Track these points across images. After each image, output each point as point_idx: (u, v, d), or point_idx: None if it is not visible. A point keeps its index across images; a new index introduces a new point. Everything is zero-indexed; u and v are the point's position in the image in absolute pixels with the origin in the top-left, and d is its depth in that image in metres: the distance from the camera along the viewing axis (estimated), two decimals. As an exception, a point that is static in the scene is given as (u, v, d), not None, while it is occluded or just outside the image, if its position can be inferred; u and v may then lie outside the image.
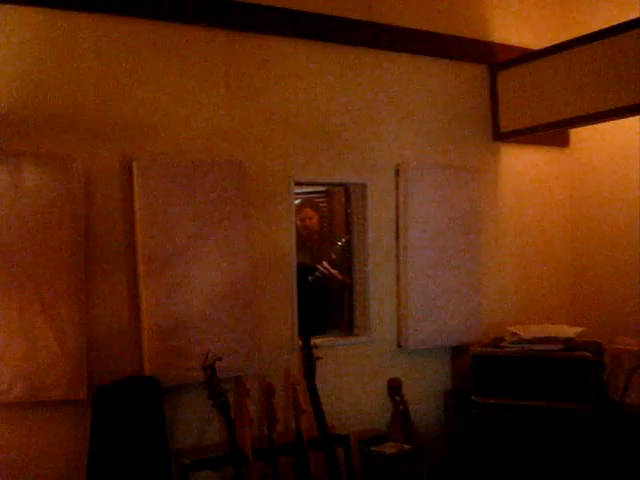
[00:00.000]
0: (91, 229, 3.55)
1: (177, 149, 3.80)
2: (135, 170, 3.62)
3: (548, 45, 4.63)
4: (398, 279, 4.53)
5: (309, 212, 5.21)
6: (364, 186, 4.43)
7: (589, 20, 4.86)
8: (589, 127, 4.89)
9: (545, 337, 4.26)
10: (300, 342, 4.08)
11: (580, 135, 5.22)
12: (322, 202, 5.69)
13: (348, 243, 4.65)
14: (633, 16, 4.08)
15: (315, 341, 4.09)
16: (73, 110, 3.54)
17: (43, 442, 3.46)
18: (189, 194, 3.76)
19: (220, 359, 3.60)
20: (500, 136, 4.92)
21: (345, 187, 4.63)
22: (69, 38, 3.53)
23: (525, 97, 4.75)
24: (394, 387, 4.44)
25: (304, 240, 5.11)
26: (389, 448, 4.11)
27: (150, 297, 3.65)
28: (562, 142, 5.28)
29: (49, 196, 3.42)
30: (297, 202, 5.07)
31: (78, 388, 3.45)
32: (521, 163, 5.11)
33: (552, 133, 4.96)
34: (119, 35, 3.65)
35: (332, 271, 4.88)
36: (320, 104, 4.25)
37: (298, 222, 4.98)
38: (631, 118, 4.40)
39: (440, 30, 4.63)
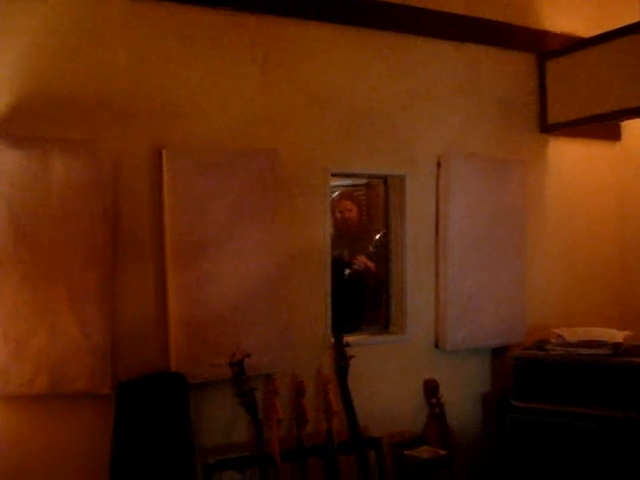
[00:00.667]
0: (119, 218, 3.46)
1: (208, 136, 3.68)
2: (165, 157, 3.52)
3: (599, 33, 4.42)
4: (437, 276, 4.38)
5: (348, 204, 5.01)
6: (403, 178, 4.28)
7: (644, 7, 4.63)
8: (641, 120, 4.66)
9: (592, 341, 4.09)
10: (333, 340, 3.93)
11: (632, 129, 5.03)
12: (361, 195, 5.52)
13: (385, 237, 4.48)
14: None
15: (348, 339, 3.95)
16: (102, 95, 3.44)
17: (66, 436, 3.39)
18: (221, 183, 3.65)
19: (249, 356, 3.48)
20: (548, 128, 4.74)
21: (384, 179, 4.47)
22: (98, 21, 3.43)
23: (574, 87, 4.58)
24: (430, 389, 4.30)
25: (342, 233, 4.95)
26: (424, 452, 3.98)
27: (178, 290, 3.55)
28: (613, 136, 5.09)
29: (77, 184, 3.32)
30: (336, 194, 4.94)
31: (102, 382, 3.37)
32: (569, 157, 4.93)
33: (602, 126, 4.80)
34: (149, 19, 3.55)
35: (369, 264, 4.71)
36: (358, 92, 4.10)
37: (337, 214, 4.85)
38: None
39: (486, 16, 4.46)
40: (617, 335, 4.16)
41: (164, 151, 3.50)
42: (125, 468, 3.32)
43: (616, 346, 4.02)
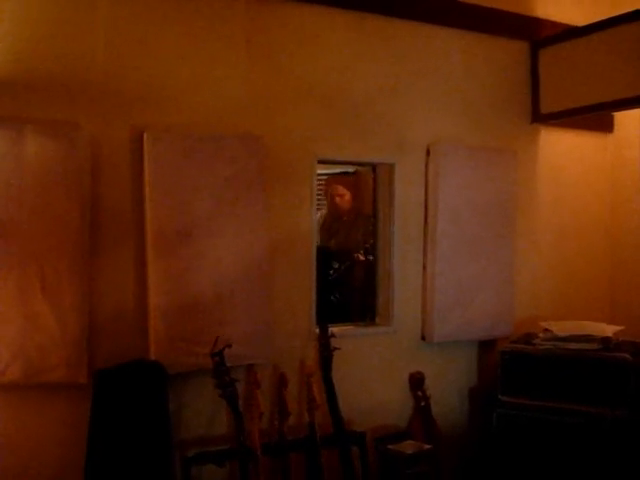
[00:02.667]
0: (97, 203, 3.35)
1: (192, 121, 3.58)
2: (146, 141, 3.42)
3: (594, 21, 4.32)
4: (424, 267, 4.30)
5: (340, 189, 4.87)
6: (392, 166, 4.19)
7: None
8: (636, 111, 4.64)
9: (581, 335, 4.02)
10: (317, 331, 3.85)
11: (625, 120, 4.96)
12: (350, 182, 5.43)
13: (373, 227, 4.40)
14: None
15: (333, 330, 3.86)
16: (81, 76, 3.33)
17: (41, 426, 3.32)
18: (204, 169, 3.56)
19: (230, 346, 3.38)
20: (540, 118, 4.66)
21: (372, 167, 4.38)
22: (78, 1, 3.32)
23: (568, 77, 4.49)
24: (416, 382, 4.23)
25: (332, 220, 4.82)
26: (408, 447, 3.90)
27: (158, 277, 3.46)
28: (606, 127, 5.03)
29: (53, 167, 3.22)
30: (328, 175, 4.83)
31: (78, 371, 3.29)
32: (561, 147, 4.86)
33: (595, 117, 4.75)
34: (132, -1, 3.44)
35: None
36: (347, 77, 4.01)
37: (328, 198, 4.73)
38: (680, 102, 4.12)
39: (479, 2, 4.34)
40: (606, 329, 4.09)
41: (145, 134, 3.40)
42: (101, 459, 3.23)
43: (605, 341, 3.96)
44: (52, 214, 3.21)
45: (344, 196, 4.86)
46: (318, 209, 4.61)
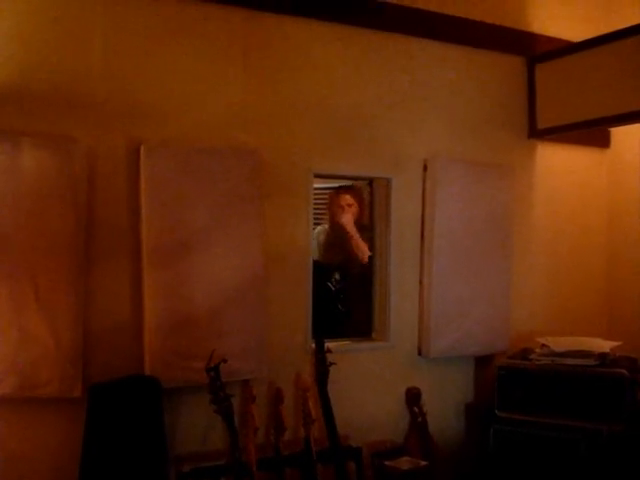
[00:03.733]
0: (93, 216, 3.34)
1: (189, 134, 3.57)
2: (143, 155, 3.40)
3: (590, 37, 4.34)
4: (421, 282, 4.28)
5: (348, 199, 4.59)
6: (389, 181, 4.18)
7: (634, 11, 4.57)
8: (632, 127, 4.62)
9: (578, 351, 4.00)
10: (313, 345, 3.83)
11: (622, 135, 4.96)
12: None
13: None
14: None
15: (330, 345, 3.84)
16: (78, 89, 3.32)
17: (34, 441, 3.27)
18: (200, 183, 3.54)
19: (225, 361, 3.35)
20: (536, 133, 4.66)
21: (369, 182, 4.37)
22: (74, 13, 3.32)
23: (564, 92, 4.51)
24: (413, 397, 4.21)
25: (335, 235, 4.65)
26: (404, 463, 3.88)
27: (153, 291, 3.44)
28: (602, 142, 5.04)
29: (49, 179, 3.20)
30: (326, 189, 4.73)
31: (73, 385, 3.25)
32: (558, 163, 4.86)
33: (592, 132, 4.78)
34: (128, 12, 3.43)
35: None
36: (344, 91, 4.01)
37: (335, 209, 4.60)
38: (678, 118, 4.12)
39: (475, 17, 4.36)
40: (604, 345, 4.08)
41: (142, 147, 3.39)
42: (96, 475, 3.20)
43: (603, 356, 3.94)
44: (47, 227, 3.19)
45: (352, 206, 4.58)
46: (317, 224, 4.57)
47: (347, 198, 4.60)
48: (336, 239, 4.62)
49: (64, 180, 3.22)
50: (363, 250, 4.46)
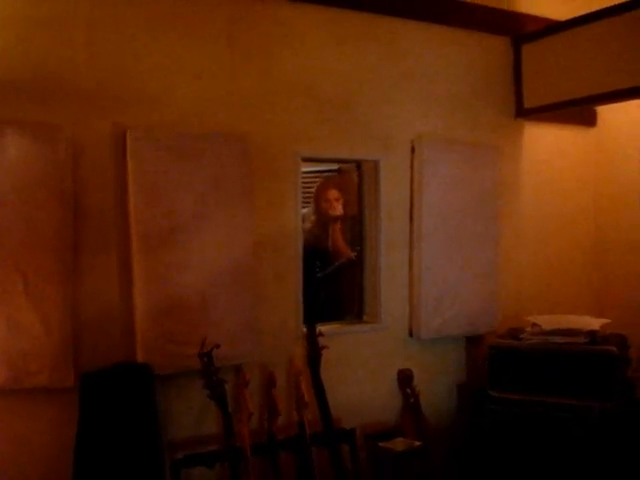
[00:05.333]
0: (80, 204, 3.30)
1: (175, 119, 3.53)
2: (129, 141, 3.37)
3: (577, 16, 4.32)
4: (411, 264, 4.29)
5: (334, 193, 4.61)
6: (377, 163, 4.17)
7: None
8: (618, 105, 4.65)
9: (567, 329, 4.02)
10: (305, 329, 3.83)
11: (608, 114, 4.99)
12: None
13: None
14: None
15: (321, 328, 3.84)
16: (62, 75, 3.27)
17: (27, 432, 3.26)
18: (188, 168, 3.52)
19: (218, 346, 3.36)
20: (523, 112, 4.66)
21: (357, 164, 4.36)
22: (56, -4, 3.27)
23: (551, 72, 4.50)
24: (405, 378, 4.22)
25: (321, 225, 4.66)
26: (398, 444, 3.90)
27: (143, 278, 3.41)
28: (588, 121, 5.05)
29: (34, 168, 3.16)
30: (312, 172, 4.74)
31: (64, 375, 3.23)
32: (545, 142, 4.87)
33: (578, 111, 4.79)
34: (114, -5, 3.39)
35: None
36: (330, 74, 3.98)
37: (322, 204, 4.62)
38: (662, 96, 4.14)
39: (460, -3, 4.34)
40: (593, 323, 4.09)
41: (128, 132, 3.35)
42: (90, 464, 3.19)
43: (592, 334, 3.96)
44: (33, 216, 3.15)
45: (338, 200, 4.59)
46: (303, 207, 4.55)
47: (334, 193, 4.61)
48: (322, 232, 4.63)
49: (49, 168, 3.18)
50: (345, 253, 4.54)
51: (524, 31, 4.60)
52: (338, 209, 4.58)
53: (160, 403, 3.41)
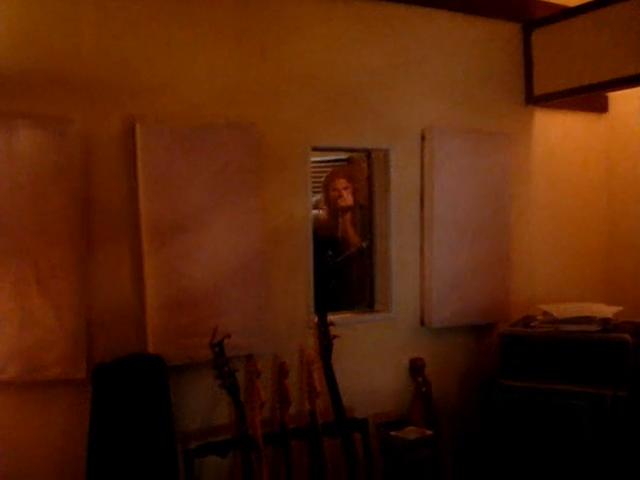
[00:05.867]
0: (91, 197, 3.31)
1: (184, 111, 3.53)
2: (138, 133, 3.37)
3: (586, 1, 4.28)
4: (422, 253, 4.28)
5: (342, 182, 4.63)
6: (387, 152, 4.15)
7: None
8: (630, 91, 4.58)
9: (580, 317, 3.99)
10: (316, 319, 3.83)
11: (620, 100, 4.95)
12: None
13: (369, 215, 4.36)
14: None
15: (332, 318, 3.84)
16: (71, 67, 3.27)
17: (41, 423, 3.28)
18: (197, 160, 3.52)
19: (229, 336, 3.36)
20: (534, 99, 4.63)
21: (367, 153, 4.34)
22: (66, -13, 3.26)
23: (561, 58, 4.46)
24: (416, 367, 4.21)
25: (331, 217, 4.68)
26: (410, 433, 3.90)
27: (154, 270, 3.42)
28: (600, 107, 5.02)
29: (45, 161, 3.17)
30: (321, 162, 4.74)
31: (77, 366, 3.25)
32: (556, 129, 4.83)
33: (590, 97, 4.76)
34: (122, -14, 3.38)
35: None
36: (339, 63, 3.96)
37: (331, 193, 4.63)
38: (675, 82, 4.10)
39: (470, -16, 4.30)
40: (606, 310, 4.07)
41: (138, 126, 3.35)
42: (103, 455, 3.20)
43: (605, 322, 3.94)
44: (45, 209, 3.17)
45: (347, 189, 4.60)
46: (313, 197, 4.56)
47: (342, 182, 4.62)
48: (332, 222, 4.62)
49: (60, 161, 3.19)
50: (355, 242, 4.56)
51: (534, 17, 4.56)
52: (347, 199, 4.58)
53: (172, 394, 3.41)
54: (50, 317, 3.19)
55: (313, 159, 4.05)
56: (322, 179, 4.72)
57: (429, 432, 3.94)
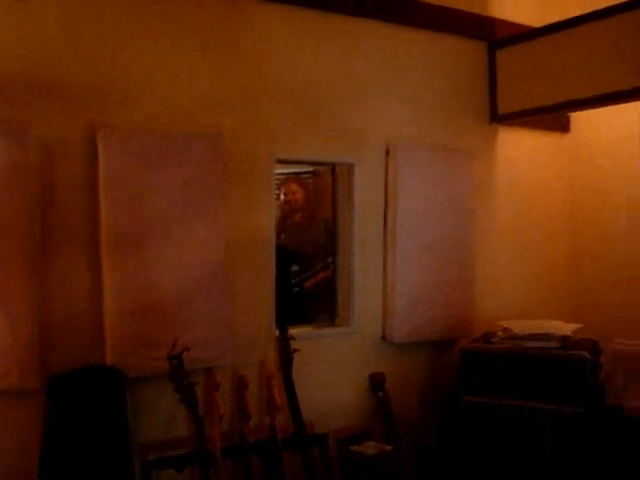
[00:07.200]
0: (49, 204, 3.25)
1: (148, 119, 3.49)
2: (100, 140, 3.32)
3: (551, 22, 4.36)
4: (385, 267, 4.28)
5: (293, 186, 4.95)
6: (351, 166, 4.16)
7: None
8: (591, 111, 4.70)
9: (540, 334, 4.02)
10: (277, 332, 3.80)
11: (581, 120, 5.04)
12: (310, 181, 5.40)
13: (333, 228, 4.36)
14: (640, -7, 3.83)
15: (293, 332, 3.82)
16: (30, 71, 3.21)
17: (-8, 434, 3.19)
18: (161, 169, 3.48)
19: (188, 349, 3.31)
20: (498, 118, 4.69)
21: (332, 167, 4.34)
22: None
23: (525, 77, 4.54)
24: (377, 382, 4.20)
25: (285, 217, 4.86)
26: (370, 448, 3.87)
27: (114, 279, 3.37)
28: (563, 127, 5.10)
29: (1, 167, 3.09)
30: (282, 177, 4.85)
31: (31, 377, 3.17)
32: (519, 148, 4.90)
33: (552, 117, 4.81)
34: (87, -10, 3.34)
35: (308, 285, 4.77)
36: (305, 76, 3.97)
37: (282, 197, 4.73)
38: (635, 103, 4.21)
39: (437, 2, 4.34)
40: (565, 328, 4.11)
41: (99, 132, 3.30)
42: (56, 468, 3.13)
43: (564, 339, 3.97)
44: (1, 216, 3.09)
45: (296, 193, 4.93)
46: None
47: (292, 185, 4.90)
48: (282, 221, 4.86)
49: (17, 167, 3.11)
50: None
51: (499, 36, 4.63)
52: (296, 199, 4.88)
53: (132, 405, 3.37)
54: (3, 326, 3.11)
55: (278, 171, 4.04)
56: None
57: (389, 447, 3.93)
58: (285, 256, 4.30)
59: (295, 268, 4.70)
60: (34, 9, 3.21)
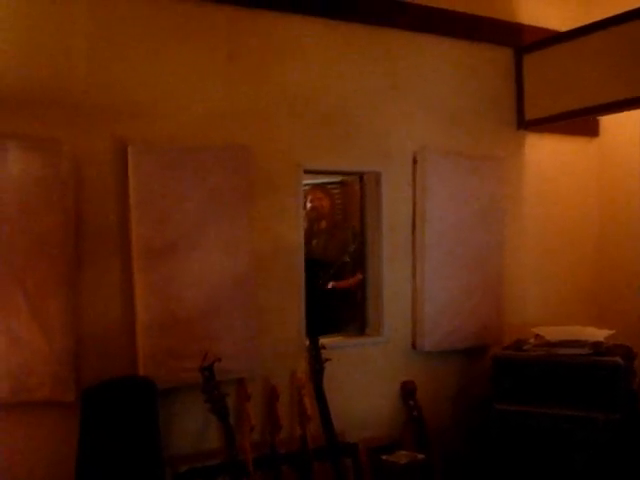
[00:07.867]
0: (82, 218, 3.31)
1: (176, 133, 3.54)
2: (130, 155, 3.38)
3: (578, 26, 4.32)
4: (414, 276, 4.27)
5: (318, 193, 5.02)
6: (378, 175, 4.16)
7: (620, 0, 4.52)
8: (620, 115, 4.63)
9: (572, 340, 3.99)
10: (307, 342, 3.81)
11: (610, 124, 4.96)
12: (336, 194, 5.44)
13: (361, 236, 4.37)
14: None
15: (324, 341, 3.84)
16: (63, 89, 3.30)
17: (28, 446, 3.25)
18: (189, 181, 3.52)
19: (219, 360, 3.35)
20: (525, 124, 4.65)
21: (359, 176, 4.35)
22: (59, 8, 3.28)
23: (552, 82, 4.50)
24: (408, 391, 4.19)
25: (311, 224, 4.93)
26: (402, 457, 3.85)
27: (145, 291, 3.41)
28: (591, 131, 5.02)
29: (35, 182, 3.17)
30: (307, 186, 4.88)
31: (65, 389, 3.23)
32: (547, 153, 4.84)
33: (581, 122, 4.76)
34: (115, 8, 3.40)
35: (341, 285, 4.80)
36: (331, 86, 3.98)
37: (307, 204, 4.77)
38: (665, 106, 4.13)
39: (462, 9, 4.33)
40: (598, 334, 4.06)
41: (129, 147, 3.36)
42: (91, 478, 3.17)
43: (597, 345, 3.93)
44: (35, 228, 3.16)
45: (322, 199, 5.00)
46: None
47: (317, 193, 4.98)
48: (309, 229, 4.91)
49: (51, 182, 3.19)
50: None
51: (526, 42, 4.60)
52: (322, 206, 4.97)
53: (163, 417, 3.39)
54: (39, 338, 3.16)
55: (306, 182, 4.06)
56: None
57: (421, 456, 3.90)
58: (313, 266, 4.31)
59: (320, 275, 4.73)
60: (62, 30, 3.29)
